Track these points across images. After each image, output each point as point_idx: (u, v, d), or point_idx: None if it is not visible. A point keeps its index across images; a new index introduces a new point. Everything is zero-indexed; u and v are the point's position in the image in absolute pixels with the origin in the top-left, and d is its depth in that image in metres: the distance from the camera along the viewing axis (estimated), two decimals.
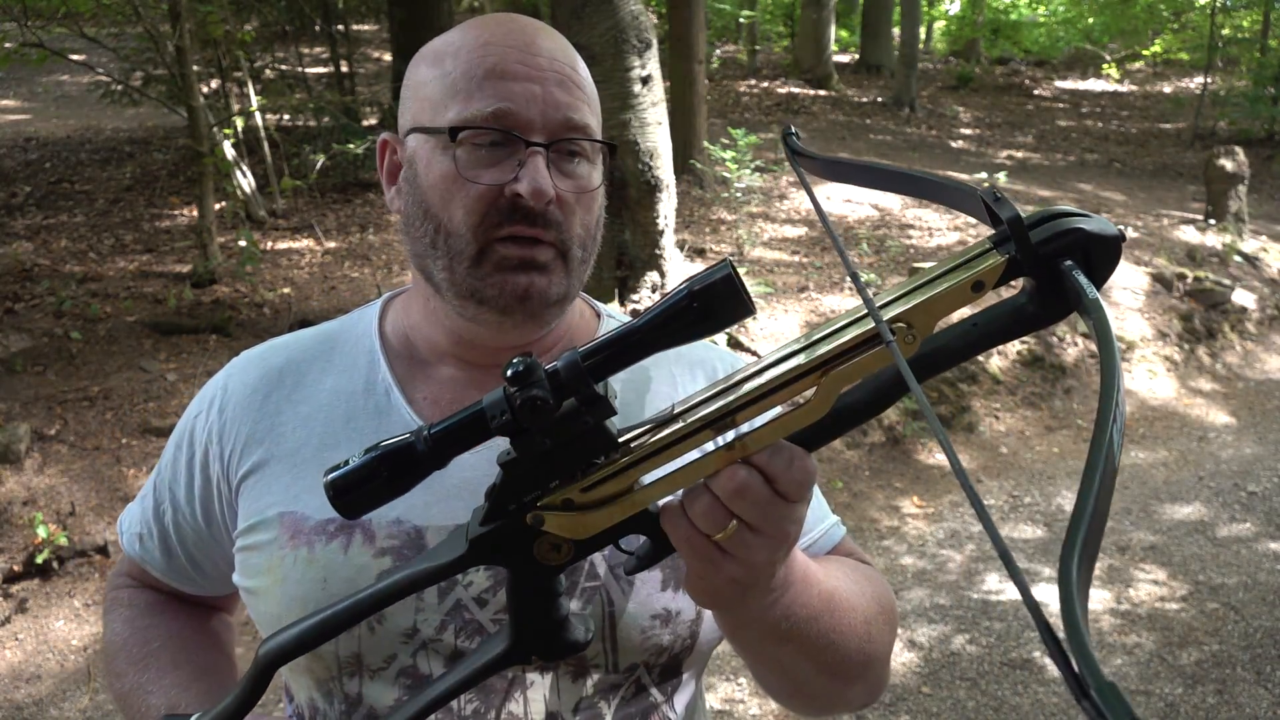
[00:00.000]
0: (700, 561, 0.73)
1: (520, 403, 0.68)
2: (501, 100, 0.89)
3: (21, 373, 4.98)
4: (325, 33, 10.88)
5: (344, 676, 0.94)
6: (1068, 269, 0.61)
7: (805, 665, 0.87)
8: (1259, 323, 7.41)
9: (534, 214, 0.89)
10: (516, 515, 0.74)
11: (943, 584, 4.29)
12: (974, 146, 12.32)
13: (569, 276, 0.94)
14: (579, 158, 0.94)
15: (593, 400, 0.69)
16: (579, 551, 0.75)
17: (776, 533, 0.72)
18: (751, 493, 0.69)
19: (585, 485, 0.72)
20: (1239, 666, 3.65)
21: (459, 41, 0.93)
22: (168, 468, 1.07)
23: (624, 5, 5.15)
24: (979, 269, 0.64)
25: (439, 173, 0.91)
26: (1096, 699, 0.38)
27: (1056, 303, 0.63)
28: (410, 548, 0.92)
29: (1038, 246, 0.62)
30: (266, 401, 1.02)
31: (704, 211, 8.07)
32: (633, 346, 0.69)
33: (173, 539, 1.07)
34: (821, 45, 14.73)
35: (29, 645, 3.76)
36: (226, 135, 6.93)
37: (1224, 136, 12.86)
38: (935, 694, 3.51)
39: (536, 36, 0.93)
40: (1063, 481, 5.35)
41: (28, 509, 4.16)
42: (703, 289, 0.66)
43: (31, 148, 9.40)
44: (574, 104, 0.92)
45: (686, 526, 0.72)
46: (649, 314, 0.68)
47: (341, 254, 6.95)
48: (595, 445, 0.71)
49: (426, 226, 0.93)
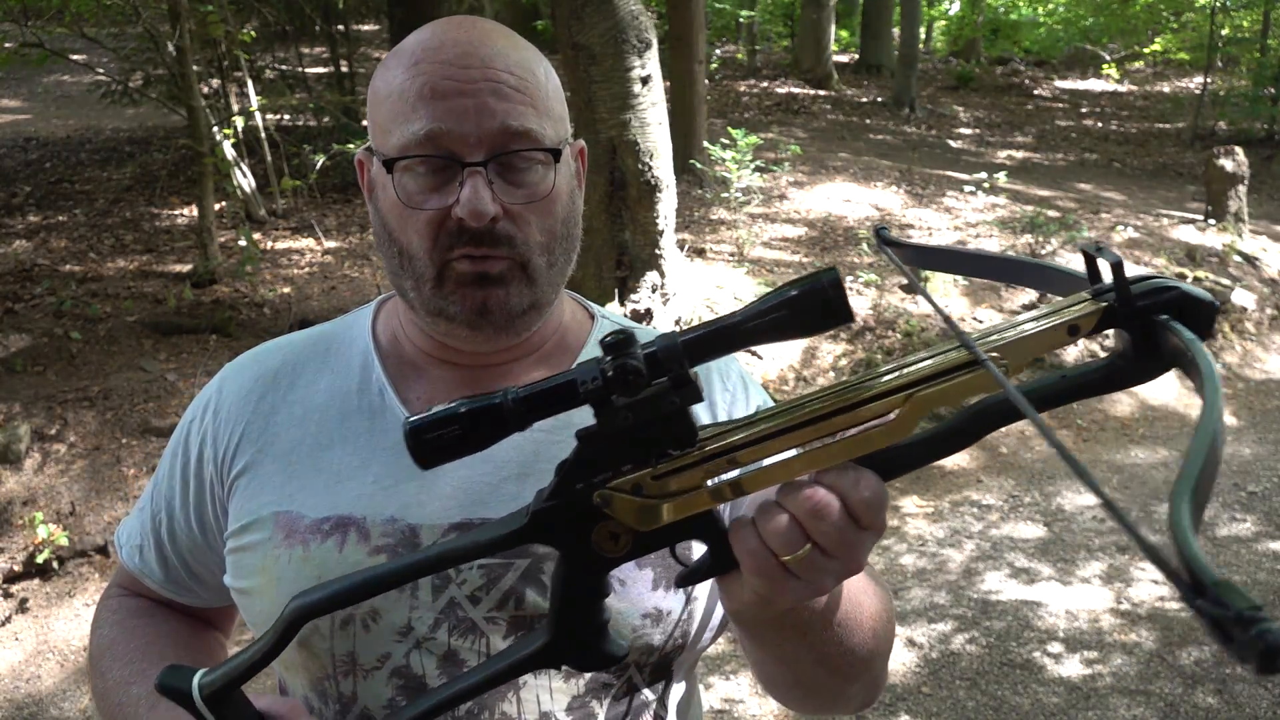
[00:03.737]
0: (765, 581, 0.70)
1: (613, 371, 0.67)
2: (433, 121, 0.88)
3: (21, 373, 4.98)
4: (325, 33, 10.88)
5: (338, 675, 0.94)
6: (1164, 322, 0.62)
7: (810, 658, 0.86)
8: (1258, 323, 7.41)
9: (480, 234, 0.89)
10: (584, 494, 0.72)
11: (942, 583, 4.29)
12: (973, 146, 12.31)
13: (533, 286, 0.93)
14: (530, 164, 0.92)
15: (684, 382, 0.69)
16: (635, 547, 0.73)
17: (849, 560, 0.69)
18: (831, 515, 0.67)
19: (658, 473, 0.71)
20: (1239, 666, 3.64)
21: (397, 60, 0.93)
22: (164, 479, 1.07)
23: (624, 5, 5.15)
24: (1076, 314, 0.65)
25: (391, 199, 0.92)
26: (1215, 592, 0.39)
27: (1150, 361, 0.65)
28: (405, 546, 0.92)
29: (1136, 299, 0.64)
30: (261, 402, 1.02)
31: (704, 211, 8.07)
32: (731, 337, 0.68)
33: (168, 548, 1.07)
34: (821, 45, 14.73)
35: (29, 645, 3.76)
36: (226, 135, 6.93)
37: (1224, 136, 12.85)
38: (935, 694, 3.51)
39: (470, 46, 0.91)
40: (1063, 481, 5.35)
41: (28, 509, 4.16)
42: (810, 291, 0.66)
43: (31, 148, 9.40)
44: (511, 110, 0.90)
45: (758, 544, 0.69)
46: (752, 308, 0.68)
47: (341, 254, 6.95)
48: (675, 432, 0.70)
49: (392, 249, 0.94)
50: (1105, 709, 3.42)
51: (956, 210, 8.78)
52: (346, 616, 0.92)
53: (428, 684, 0.92)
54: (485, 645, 0.93)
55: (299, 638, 0.93)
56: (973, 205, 8.86)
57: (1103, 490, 0.47)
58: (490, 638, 0.92)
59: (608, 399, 0.69)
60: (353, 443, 0.98)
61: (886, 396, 0.67)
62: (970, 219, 8.50)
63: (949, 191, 9.25)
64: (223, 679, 0.77)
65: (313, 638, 0.93)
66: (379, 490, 0.95)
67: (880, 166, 10.22)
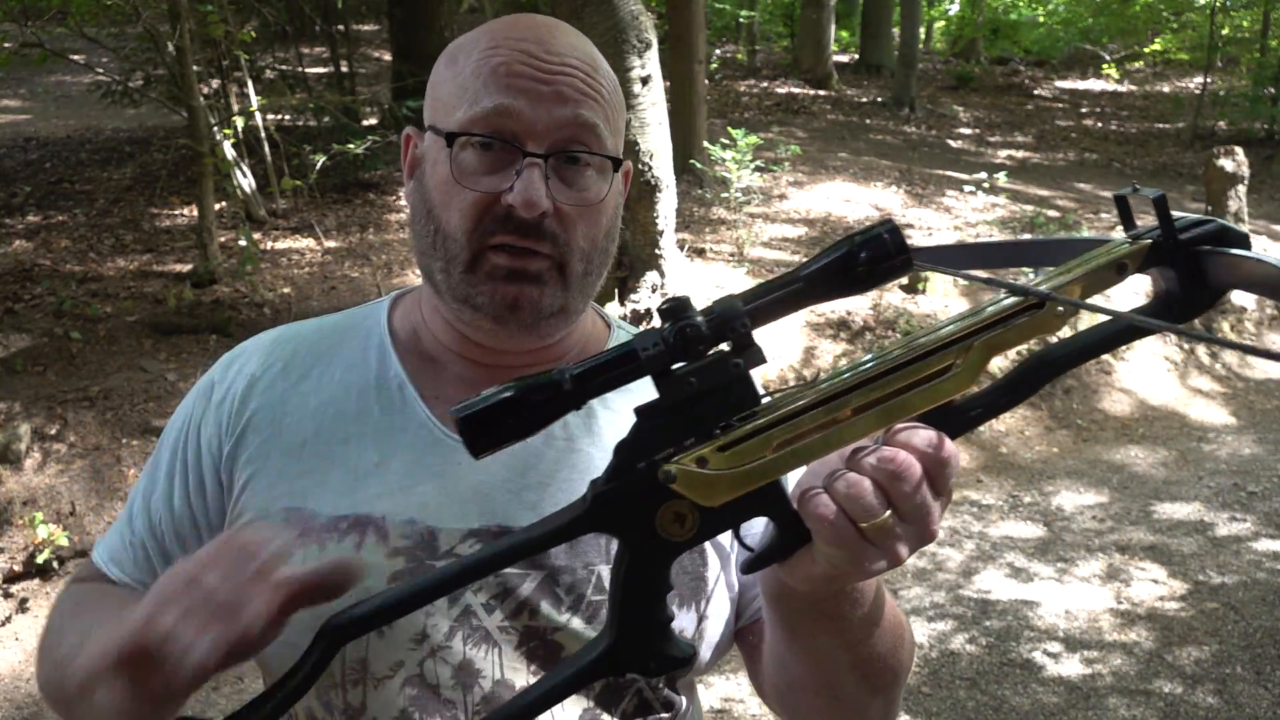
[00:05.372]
0: (843, 552, 0.65)
1: (674, 336, 0.65)
2: (505, 97, 0.87)
3: (21, 373, 4.98)
4: (325, 33, 10.88)
5: (347, 685, 0.90)
6: (1209, 251, 0.64)
7: (845, 659, 0.82)
8: (1258, 323, 7.41)
9: (527, 225, 0.87)
10: (647, 472, 0.67)
11: (941, 583, 4.29)
12: (973, 146, 12.31)
13: (566, 290, 0.91)
14: (587, 167, 0.90)
15: (746, 344, 0.66)
16: (702, 528, 0.68)
17: (924, 527, 0.66)
18: (913, 477, 0.63)
19: (723, 444, 0.67)
20: (1238, 666, 3.65)
21: (474, 40, 0.92)
22: (162, 474, 1.01)
23: (624, 5, 5.15)
24: (1122, 252, 0.66)
25: (442, 175, 0.90)
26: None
27: (1198, 292, 0.66)
28: (423, 549, 0.90)
29: (1180, 231, 0.65)
30: (269, 390, 0.98)
31: (704, 211, 8.07)
32: (790, 295, 0.66)
33: (171, 547, 0.99)
34: (821, 45, 14.73)
35: (29, 645, 3.76)
36: (226, 135, 6.93)
37: (1224, 136, 12.84)
38: (935, 694, 3.51)
39: (551, 36, 0.91)
40: (1062, 481, 5.35)
41: (28, 509, 4.16)
42: (869, 240, 0.64)
43: (31, 148, 9.40)
44: (582, 105, 0.89)
45: (835, 511, 0.64)
46: (810, 265, 0.66)
47: (341, 254, 6.95)
48: (739, 399, 0.67)
49: (429, 226, 0.92)
50: (1105, 709, 3.42)
51: (956, 210, 8.78)
52: None
53: (442, 694, 0.89)
54: (498, 656, 0.90)
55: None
56: (972, 205, 8.86)
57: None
58: (503, 648, 0.90)
59: (669, 368, 0.66)
60: (370, 438, 0.95)
61: (951, 346, 0.66)
62: (970, 219, 8.50)
63: (949, 191, 9.25)
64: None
65: None
66: (398, 490, 0.92)
67: (880, 166, 10.22)
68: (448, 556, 0.90)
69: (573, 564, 0.91)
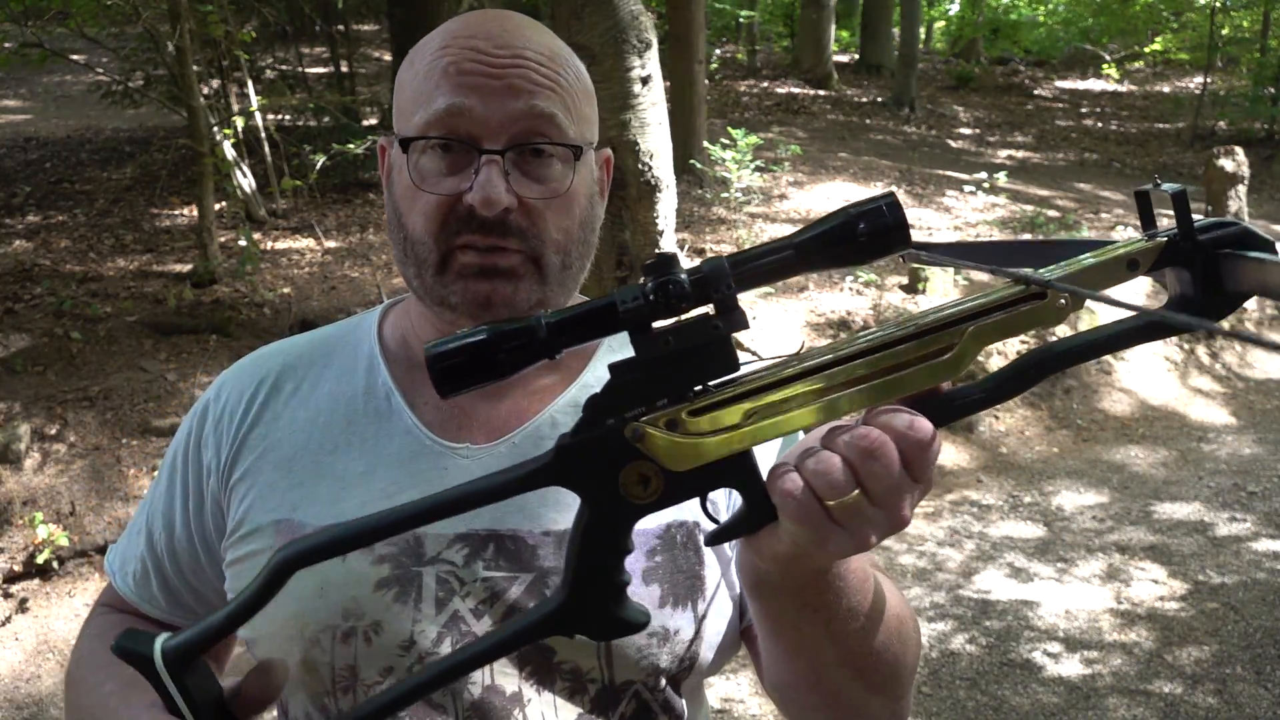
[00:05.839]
0: (807, 530, 0.64)
1: (655, 292, 0.63)
2: (455, 97, 0.86)
3: (21, 373, 4.98)
4: (325, 33, 10.88)
5: (338, 691, 0.90)
6: (1229, 254, 0.62)
7: (833, 652, 0.80)
8: (1258, 323, 7.41)
9: (490, 224, 0.87)
10: (615, 429, 0.66)
11: (941, 583, 4.29)
12: (973, 146, 12.32)
13: (544, 284, 0.90)
14: (551, 158, 0.89)
15: (730, 307, 0.64)
16: (666, 493, 0.67)
17: (894, 512, 0.64)
18: (885, 457, 0.61)
19: (695, 408, 0.65)
20: (1239, 666, 3.65)
21: (427, 42, 0.92)
22: (163, 494, 1.03)
23: (624, 5, 5.15)
24: (1135, 247, 0.64)
25: (404, 181, 0.90)
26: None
27: (1213, 299, 0.64)
28: (409, 555, 0.90)
29: (1200, 231, 0.63)
30: (263, 408, 0.99)
31: (704, 211, 8.08)
32: (782, 262, 0.64)
33: (168, 568, 1.02)
34: (821, 45, 14.73)
35: (29, 645, 3.76)
36: (226, 135, 6.93)
37: (1224, 136, 12.84)
38: (935, 694, 3.51)
39: (503, 29, 0.90)
40: (1062, 481, 5.35)
41: (28, 509, 4.16)
42: (867, 212, 0.63)
43: (31, 148, 9.40)
44: (538, 94, 0.87)
45: (801, 487, 0.63)
46: (804, 232, 0.64)
47: (341, 254, 6.95)
48: (717, 363, 0.65)
49: (400, 234, 0.92)
50: (1105, 709, 3.42)
51: (956, 210, 8.79)
52: (349, 630, 0.89)
53: (432, 699, 0.88)
54: None
55: (301, 655, 0.90)
56: (972, 205, 8.86)
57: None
58: None
59: (648, 324, 0.65)
60: (358, 448, 0.95)
61: (943, 329, 0.64)
62: (970, 219, 8.50)
63: (949, 191, 9.25)
64: (192, 640, 0.68)
65: (313, 651, 0.89)
66: (383, 497, 0.91)
67: (880, 166, 10.22)
68: (435, 562, 0.90)
69: (562, 565, 0.91)
